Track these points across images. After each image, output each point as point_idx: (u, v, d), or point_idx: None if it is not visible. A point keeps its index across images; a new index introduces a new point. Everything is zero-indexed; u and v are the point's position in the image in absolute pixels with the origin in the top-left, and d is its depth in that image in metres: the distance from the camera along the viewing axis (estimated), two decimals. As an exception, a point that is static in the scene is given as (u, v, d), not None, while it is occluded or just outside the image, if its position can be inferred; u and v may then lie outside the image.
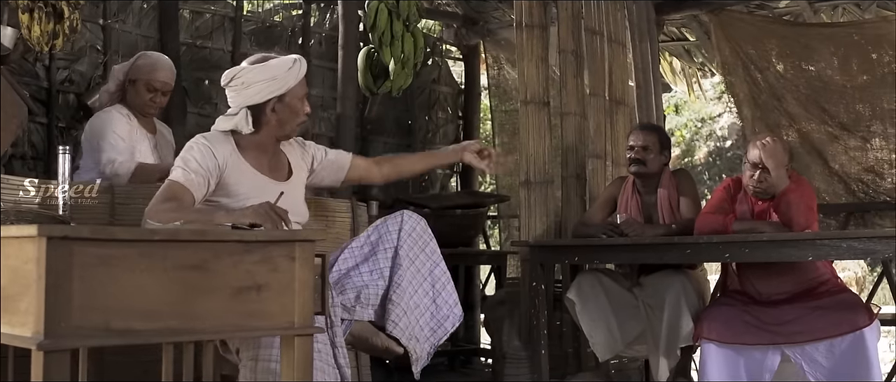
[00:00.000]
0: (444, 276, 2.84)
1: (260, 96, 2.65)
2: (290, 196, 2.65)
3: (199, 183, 2.57)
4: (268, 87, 2.65)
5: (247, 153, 2.69)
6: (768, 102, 5.67)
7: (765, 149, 3.49)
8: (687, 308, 3.61)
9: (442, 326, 2.81)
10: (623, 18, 5.11)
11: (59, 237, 1.68)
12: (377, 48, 5.42)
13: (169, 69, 3.70)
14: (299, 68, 2.71)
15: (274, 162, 2.77)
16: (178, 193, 2.54)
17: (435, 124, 6.65)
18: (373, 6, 5.32)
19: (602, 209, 4.10)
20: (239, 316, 1.91)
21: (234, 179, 2.63)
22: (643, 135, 3.98)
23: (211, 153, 2.60)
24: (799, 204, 3.39)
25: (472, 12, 6.63)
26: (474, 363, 6.19)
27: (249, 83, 2.64)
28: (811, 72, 5.58)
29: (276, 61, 2.70)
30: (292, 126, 2.74)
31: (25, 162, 4.45)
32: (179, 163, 2.60)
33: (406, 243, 2.74)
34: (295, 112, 2.71)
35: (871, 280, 8.60)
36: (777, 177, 3.47)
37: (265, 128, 2.70)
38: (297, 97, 2.71)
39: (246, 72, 2.65)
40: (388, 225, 2.75)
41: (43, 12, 3.75)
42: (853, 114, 5.47)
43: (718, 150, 14.05)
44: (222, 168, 2.62)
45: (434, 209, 5.48)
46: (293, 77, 2.68)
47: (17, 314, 1.75)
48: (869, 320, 3.26)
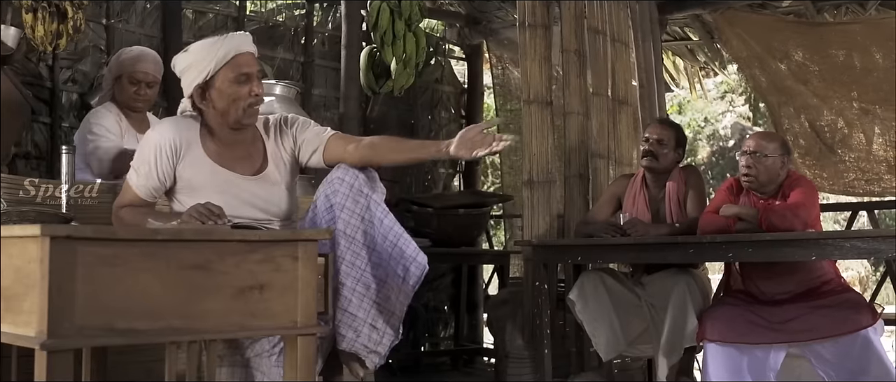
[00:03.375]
0: (390, 231, 2.47)
1: (187, 86, 2.49)
2: (262, 190, 2.54)
3: (151, 187, 2.50)
4: (190, 75, 2.46)
5: (209, 143, 2.52)
6: (794, 87, 5.65)
7: (757, 135, 3.55)
8: (692, 307, 3.60)
9: (406, 283, 2.50)
10: (626, 18, 5.11)
11: (62, 237, 1.68)
12: (379, 48, 5.42)
13: (152, 61, 3.69)
14: (227, 45, 2.45)
15: (241, 153, 2.56)
16: (131, 199, 2.52)
17: (438, 124, 6.64)
18: (375, 6, 5.32)
19: (606, 206, 4.09)
20: (242, 315, 1.91)
21: (191, 173, 2.48)
22: (660, 128, 3.97)
23: (163, 150, 2.46)
24: (803, 201, 3.39)
25: (475, 12, 6.62)
26: (477, 362, 6.18)
27: (180, 73, 2.51)
28: (833, 57, 5.55)
29: (196, 45, 2.49)
30: (235, 113, 2.47)
31: (28, 161, 4.45)
32: (134, 162, 2.53)
33: (341, 218, 2.39)
34: (231, 97, 2.45)
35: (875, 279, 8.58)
36: (769, 165, 3.47)
37: (207, 117, 2.51)
38: (228, 80, 2.44)
39: (176, 62, 2.51)
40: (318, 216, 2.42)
41: (47, 12, 3.76)
42: (882, 92, 5.41)
43: (721, 150, 14.03)
44: (177, 160, 2.48)
45: (437, 209, 5.48)
46: (213, 59, 2.43)
47: (20, 313, 1.75)
48: (873, 320, 3.25)
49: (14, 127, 3.74)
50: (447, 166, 6.69)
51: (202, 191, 2.47)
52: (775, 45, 5.64)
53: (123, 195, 2.56)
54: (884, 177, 5.55)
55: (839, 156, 5.66)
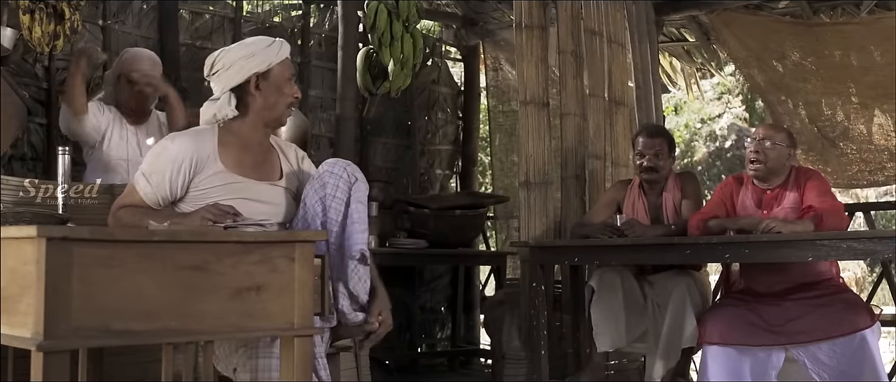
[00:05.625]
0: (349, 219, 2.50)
1: (241, 75, 2.53)
2: (279, 197, 2.57)
3: (159, 196, 2.49)
4: (248, 64, 2.53)
5: (228, 151, 2.55)
6: (792, 85, 5.66)
7: (765, 125, 3.59)
8: (692, 309, 3.61)
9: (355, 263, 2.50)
10: (622, 19, 5.11)
11: (58, 238, 1.68)
12: (376, 49, 5.42)
13: (149, 61, 3.82)
14: (280, 47, 2.59)
15: (260, 160, 2.61)
16: (135, 201, 2.51)
17: (434, 125, 6.64)
18: (372, 7, 5.32)
19: (604, 210, 4.10)
20: (238, 316, 1.91)
21: (206, 183, 2.51)
22: (653, 141, 3.97)
23: (183, 164, 2.48)
24: (825, 193, 3.42)
25: (472, 13, 6.63)
26: (474, 363, 6.19)
27: (229, 64, 2.54)
28: (830, 56, 5.55)
29: (254, 39, 2.62)
30: (281, 109, 2.60)
31: (25, 162, 4.45)
32: (145, 168, 2.52)
33: (332, 206, 2.47)
34: (281, 92, 2.58)
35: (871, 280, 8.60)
36: (777, 154, 3.48)
37: (252, 110, 2.57)
38: (283, 77, 2.59)
39: (225, 54, 2.56)
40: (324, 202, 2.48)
41: (44, 13, 3.76)
42: (881, 88, 5.43)
43: (718, 151, 14.05)
44: (194, 174, 2.50)
45: (433, 210, 5.48)
46: (274, 54, 2.57)
47: (16, 315, 1.75)
48: (871, 321, 3.26)
49: (11, 128, 3.74)
50: (444, 167, 6.70)
51: (212, 197, 2.48)
52: (772, 45, 5.66)
53: (126, 197, 2.54)
54: (886, 166, 5.57)
55: (841, 149, 5.67)
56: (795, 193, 3.49)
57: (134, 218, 2.45)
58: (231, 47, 2.60)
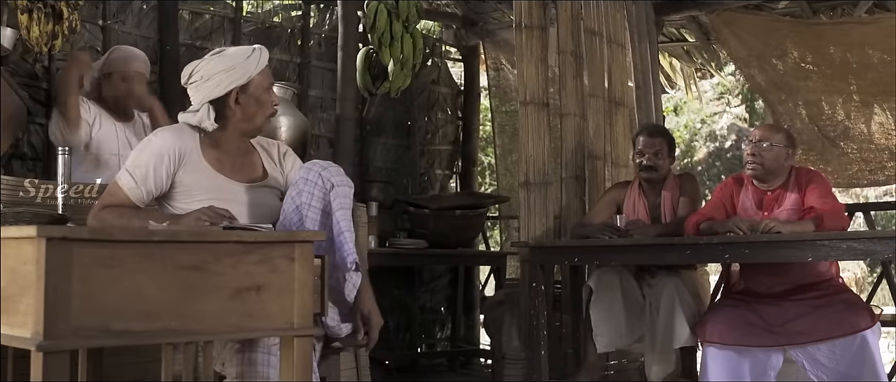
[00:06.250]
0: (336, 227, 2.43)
1: (221, 88, 2.52)
2: (260, 198, 2.56)
3: (145, 191, 2.49)
4: (228, 77, 2.52)
5: (209, 152, 2.56)
6: (792, 84, 5.66)
7: (763, 126, 3.61)
8: (682, 310, 3.62)
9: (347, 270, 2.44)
10: (622, 19, 5.12)
11: (58, 238, 1.68)
12: (376, 49, 5.42)
13: (142, 60, 3.86)
14: (259, 57, 2.57)
15: (241, 162, 2.62)
16: (120, 199, 2.49)
17: (434, 125, 6.64)
18: (372, 7, 5.32)
19: (604, 211, 4.10)
20: (238, 316, 1.91)
21: (191, 179, 2.51)
22: (653, 140, 3.98)
23: (165, 156, 2.48)
24: (827, 194, 3.42)
25: (472, 13, 6.62)
26: (474, 363, 6.19)
27: (208, 75, 2.52)
28: (831, 55, 5.55)
29: (234, 50, 2.59)
30: (260, 120, 2.60)
31: (24, 163, 4.44)
32: (129, 165, 2.51)
33: (309, 216, 2.41)
34: (260, 103, 2.58)
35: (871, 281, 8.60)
36: (774, 155, 3.48)
37: (231, 122, 2.56)
38: (262, 87, 2.58)
39: (204, 65, 2.54)
40: None
41: (42, 13, 3.75)
42: (881, 85, 5.42)
43: (718, 151, 14.05)
44: (177, 167, 2.50)
45: (433, 210, 5.48)
46: (253, 65, 2.54)
47: (16, 315, 1.75)
48: (871, 322, 3.26)
49: (10, 128, 3.73)
50: (444, 167, 6.70)
51: (199, 196, 2.48)
52: (772, 44, 5.65)
53: (109, 197, 2.52)
54: (887, 165, 5.56)
55: (841, 148, 5.67)
56: (796, 194, 3.48)
57: (121, 220, 2.43)
58: (211, 58, 2.56)
